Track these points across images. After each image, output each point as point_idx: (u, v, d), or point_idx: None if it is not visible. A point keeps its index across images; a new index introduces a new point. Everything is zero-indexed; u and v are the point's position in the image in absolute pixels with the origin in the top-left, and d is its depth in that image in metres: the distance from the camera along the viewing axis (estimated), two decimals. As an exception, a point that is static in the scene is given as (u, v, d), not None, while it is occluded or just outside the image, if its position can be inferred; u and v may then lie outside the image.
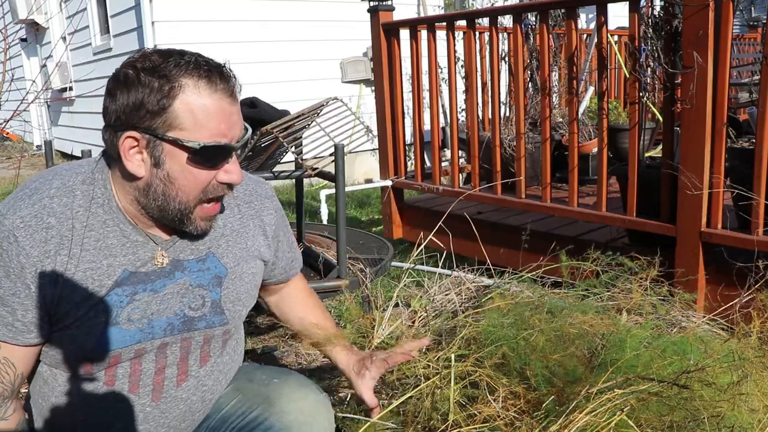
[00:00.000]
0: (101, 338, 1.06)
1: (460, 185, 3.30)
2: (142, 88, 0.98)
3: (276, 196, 1.32)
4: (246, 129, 1.09)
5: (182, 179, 1.03)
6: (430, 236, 2.66)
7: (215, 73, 1.01)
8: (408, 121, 3.95)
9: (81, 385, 1.11)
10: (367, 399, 1.32)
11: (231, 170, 1.06)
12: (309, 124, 2.46)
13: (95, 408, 1.11)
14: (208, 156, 1.02)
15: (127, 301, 1.08)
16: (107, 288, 1.06)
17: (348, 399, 1.89)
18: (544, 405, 1.34)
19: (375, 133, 3.58)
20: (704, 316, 2.13)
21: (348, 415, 1.64)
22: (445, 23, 3.13)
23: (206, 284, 1.15)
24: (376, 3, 3.37)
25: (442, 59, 3.45)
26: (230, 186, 1.08)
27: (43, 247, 1.02)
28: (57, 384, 1.12)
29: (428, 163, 4.53)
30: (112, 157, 1.06)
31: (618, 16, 4.79)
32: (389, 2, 3.38)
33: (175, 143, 1.00)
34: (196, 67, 1.00)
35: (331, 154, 2.29)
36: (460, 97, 3.34)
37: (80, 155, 2.35)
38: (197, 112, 0.99)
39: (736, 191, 2.21)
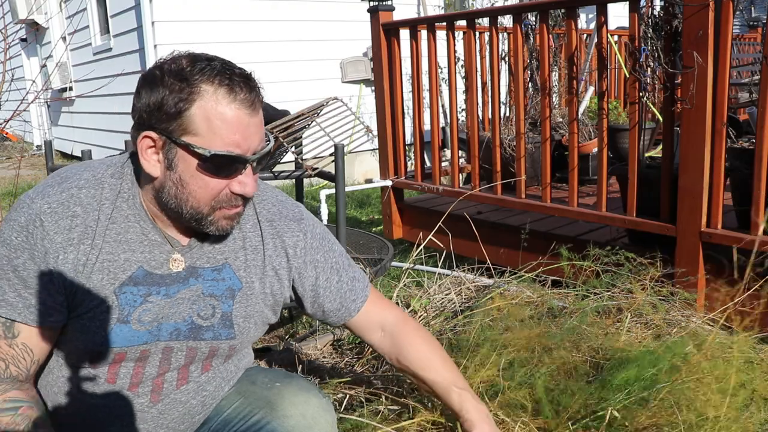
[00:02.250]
0: (110, 333, 1.07)
1: (460, 185, 3.30)
2: (163, 89, 0.99)
3: (310, 220, 1.26)
4: (268, 141, 1.07)
5: (193, 185, 1.03)
6: (430, 236, 2.66)
7: (237, 83, 1.00)
8: (408, 121, 3.95)
9: (83, 379, 1.11)
10: None
11: (245, 182, 1.05)
12: (309, 124, 2.47)
13: (94, 404, 1.12)
14: (219, 165, 1.01)
15: (141, 301, 1.09)
16: (120, 282, 1.07)
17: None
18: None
19: (375, 133, 3.58)
20: (704, 316, 2.13)
21: (346, 416, 1.65)
22: (445, 23, 3.13)
23: (219, 295, 1.15)
24: (376, 3, 3.37)
25: (442, 59, 3.45)
26: (244, 198, 1.07)
27: (68, 234, 1.04)
28: (61, 375, 1.13)
29: (428, 163, 4.53)
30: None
31: (618, 16, 4.79)
32: (389, 2, 3.39)
33: (187, 148, 1.00)
34: (218, 74, 1.00)
35: (331, 154, 2.29)
36: (460, 97, 3.34)
37: (80, 155, 2.35)
38: (213, 119, 0.99)
39: (737, 192, 2.22)
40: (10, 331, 1.04)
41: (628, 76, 2.57)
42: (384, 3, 3.37)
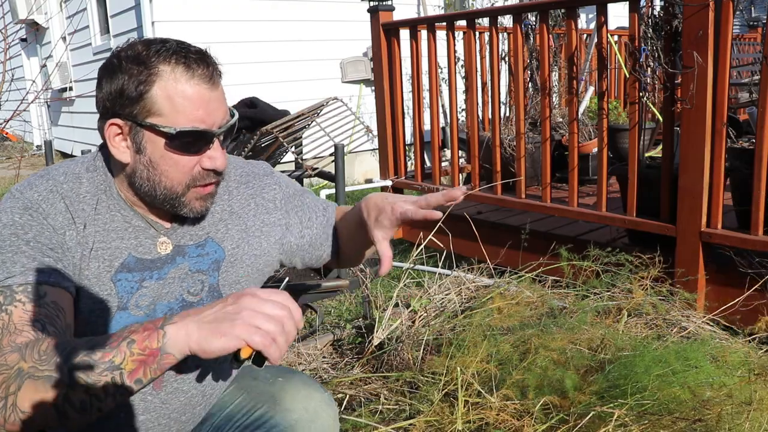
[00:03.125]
0: (111, 321, 1.08)
1: (460, 185, 3.30)
2: (122, 75, 1.01)
3: (276, 172, 1.32)
4: (232, 115, 1.10)
5: (163, 165, 1.05)
6: (430, 236, 2.66)
7: (194, 60, 1.02)
8: (408, 121, 3.95)
9: None
10: (380, 248, 1.16)
11: (214, 156, 1.07)
12: (309, 124, 2.47)
13: None
14: (186, 142, 1.03)
15: (137, 287, 1.10)
16: (115, 269, 1.08)
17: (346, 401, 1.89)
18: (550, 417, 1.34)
19: (375, 133, 3.58)
20: (704, 316, 2.13)
21: (345, 417, 1.65)
22: (445, 23, 3.13)
23: (205, 269, 1.17)
24: (376, 3, 3.37)
25: (442, 59, 3.45)
26: (217, 172, 1.09)
27: (65, 215, 1.05)
28: None
29: (428, 163, 4.53)
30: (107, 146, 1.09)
31: (618, 16, 4.80)
32: (389, 2, 3.39)
33: (153, 129, 1.02)
34: (174, 54, 1.01)
35: (331, 154, 2.30)
36: (460, 97, 3.35)
37: (80, 155, 2.36)
38: (174, 97, 1.01)
39: (737, 192, 2.22)
40: (36, 293, 1.02)
41: (628, 76, 2.57)
42: (384, 3, 3.37)
